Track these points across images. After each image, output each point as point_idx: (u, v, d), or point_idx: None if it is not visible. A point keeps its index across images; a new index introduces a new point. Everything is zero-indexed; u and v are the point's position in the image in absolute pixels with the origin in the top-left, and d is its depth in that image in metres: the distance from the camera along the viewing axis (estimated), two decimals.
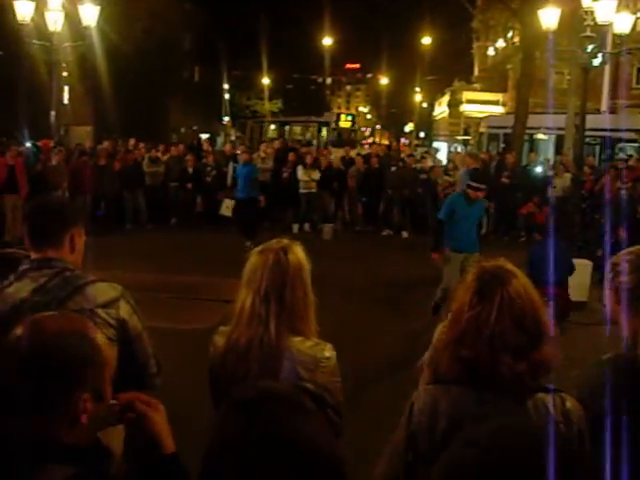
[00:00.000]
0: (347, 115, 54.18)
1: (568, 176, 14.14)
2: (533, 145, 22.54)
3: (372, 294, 9.59)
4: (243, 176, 12.80)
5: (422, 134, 56.69)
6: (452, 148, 34.13)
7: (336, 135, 35.76)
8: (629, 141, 20.92)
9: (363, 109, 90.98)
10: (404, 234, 14.84)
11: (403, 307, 9.00)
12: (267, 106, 44.24)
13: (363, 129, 54.06)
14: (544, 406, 1.81)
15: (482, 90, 40.37)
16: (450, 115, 42.14)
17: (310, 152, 16.64)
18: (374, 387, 5.87)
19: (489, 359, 1.80)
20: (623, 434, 1.91)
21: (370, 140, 53.93)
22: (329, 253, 10.98)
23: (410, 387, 2.17)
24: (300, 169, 14.97)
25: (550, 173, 15.12)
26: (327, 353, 2.35)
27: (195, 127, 41.41)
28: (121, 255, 10.68)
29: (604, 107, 22.99)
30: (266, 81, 45.41)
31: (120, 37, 24.89)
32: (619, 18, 12.47)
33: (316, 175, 14.96)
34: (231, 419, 1.22)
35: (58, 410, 1.44)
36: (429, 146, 36.56)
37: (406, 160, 16.60)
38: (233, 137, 39.43)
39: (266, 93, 45.29)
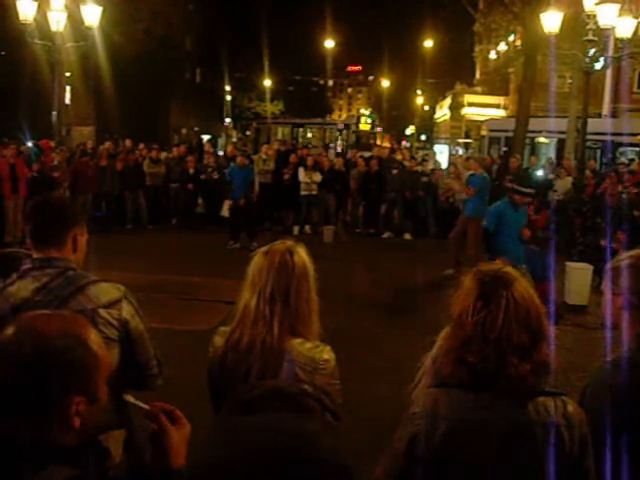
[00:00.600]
0: (367, 117, 51.30)
1: (569, 180, 14.14)
2: (534, 149, 22.54)
3: (373, 296, 9.57)
4: (241, 179, 12.87)
5: (423, 137, 56.76)
6: (453, 151, 34.17)
7: (355, 138, 34.57)
8: (630, 145, 20.93)
9: (364, 111, 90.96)
10: (406, 236, 14.83)
11: (404, 309, 8.98)
12: (269, 108, 44.19)
13: (379, 129, 51.94)
14: (545, 409, 1.81)
15: (484, 93, 40.45)
16: (451, 118, 42.18)
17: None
18: (374, 389, 5.86)
19: (496, 362, 1.79)
20: (625, 437, 1.92)
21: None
22: (330, 255, 10.98)
23: (410, 389, 2.16)
24: (301, 171, 14.94)
25: (551, 176, 15.13)
26: (326, 355, 2.33)
27: (196, 128, 41.47)
28: (121, 255, 10.69)
29: (605, 111, 22.98)
30: (267, 83, 45.41)
31: (122, 38, 24.96)
32: (621, 22, 12.46)
33: (317, 177, 14.93)
34: (237, 418, 1.22)
35: (51, 413, 1.41)
36: (430, 149, 36.55)
37: (406, 163, 16.56)
38: (234, 138, 39.48)
39: (267, 95, 45.26)
